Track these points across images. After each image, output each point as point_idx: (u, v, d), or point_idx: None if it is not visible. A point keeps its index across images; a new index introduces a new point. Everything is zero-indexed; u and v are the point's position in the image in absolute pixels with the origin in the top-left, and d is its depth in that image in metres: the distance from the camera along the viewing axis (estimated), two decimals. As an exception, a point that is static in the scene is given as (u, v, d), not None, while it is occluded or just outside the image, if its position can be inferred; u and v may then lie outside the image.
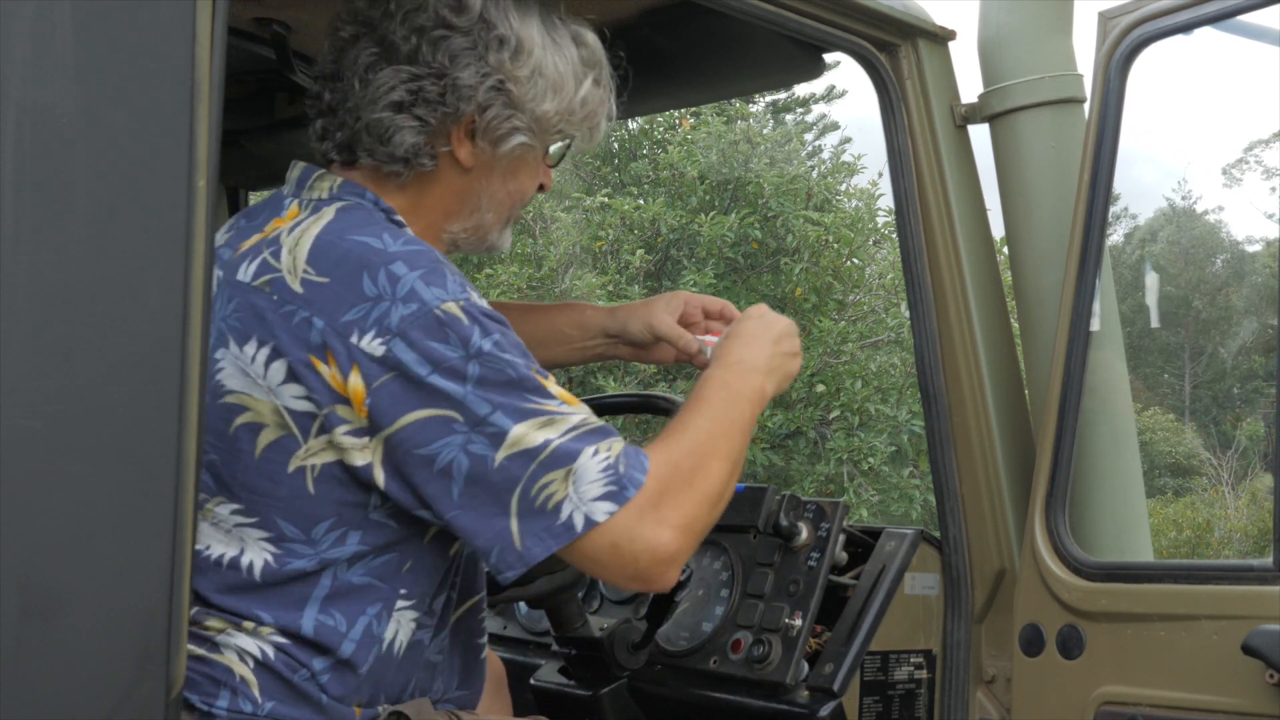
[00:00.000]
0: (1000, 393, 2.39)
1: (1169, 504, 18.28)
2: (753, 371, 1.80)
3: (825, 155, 20.01)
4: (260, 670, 1.59)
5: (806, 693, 2.23)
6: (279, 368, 1.57)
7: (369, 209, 1.70)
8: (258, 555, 1.61)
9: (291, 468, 1.59)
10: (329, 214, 1.67)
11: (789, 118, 21.85)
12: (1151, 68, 2.38)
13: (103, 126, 1.26)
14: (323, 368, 1.55)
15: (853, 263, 12.01)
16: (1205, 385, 31.30)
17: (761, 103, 20.02)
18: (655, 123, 13.08)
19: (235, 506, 1.62)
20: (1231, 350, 30.05)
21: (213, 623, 1.61)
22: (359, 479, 1.58)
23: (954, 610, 2.39)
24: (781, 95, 20.61)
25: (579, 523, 1.54)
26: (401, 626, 1.67)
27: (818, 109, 22.79)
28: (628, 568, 1.57)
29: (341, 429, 1.56)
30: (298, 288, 1.59)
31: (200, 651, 1.60)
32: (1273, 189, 34.50)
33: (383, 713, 1.66)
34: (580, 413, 1.59)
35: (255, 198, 3.35)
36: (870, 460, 10.69)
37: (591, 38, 1.84)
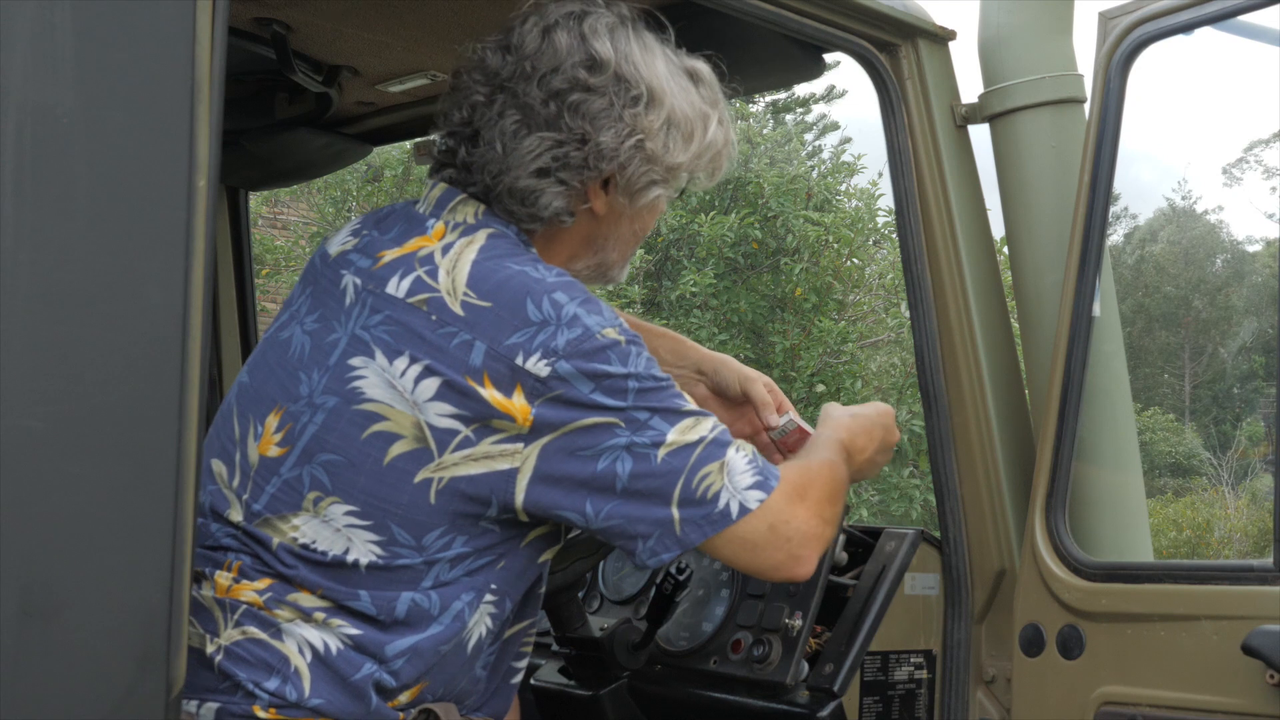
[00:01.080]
0: (1000, 393, 2.39)
1: (1169, 504, 18.27)
2: (854, 461, 1.96)
3: (825, 155, 20.02)
4: (316, 664, 1.62)
5: (806, 693, 2.23)
6: (430, 385, 1.63)
7: (514, 239, 1.77)
8: (364, 554, 1.65)
9: (418, 479, 1.64)
10: (481, 239, 1.73)
11: (789, 118, 21.85)
12: (1151, 68, 2.38)
13: (103, 126, 1.26)
14: (480, 389, 1.62)
15: (853, 263, 12.02)
16: (1205, 385, 31.30)
17: (761, 103, 20.02)
18: (655, 123, 13.07)
19: (350, 509, 1.65)
20: (1231, 350, 30.05)
21: (284, 611, 1.64)
22: (484, 493, 1.65)
23: (954, 610, 2.39)
24: (781, 95, 20.61)
25: (735, 509, 1.68)
26: (482, 619, 1.73)
27: (818, 109, 22.80)
28: (780, 550, 1.72)
29: (493, 439, 1.63)
30: (458, 310, 1.65)
31: (262, 635, 1.63)
32: (1273, 189, 34.51)
33: (414, 712, 1.69)
34: (714, 418, 1.73)
35: (255, 198, 3.35)
36: (870, 460, 10.67)
37: (706, 71, 1.89)
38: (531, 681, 2.51)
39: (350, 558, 1.65)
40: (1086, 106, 2.36)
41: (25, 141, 1.21)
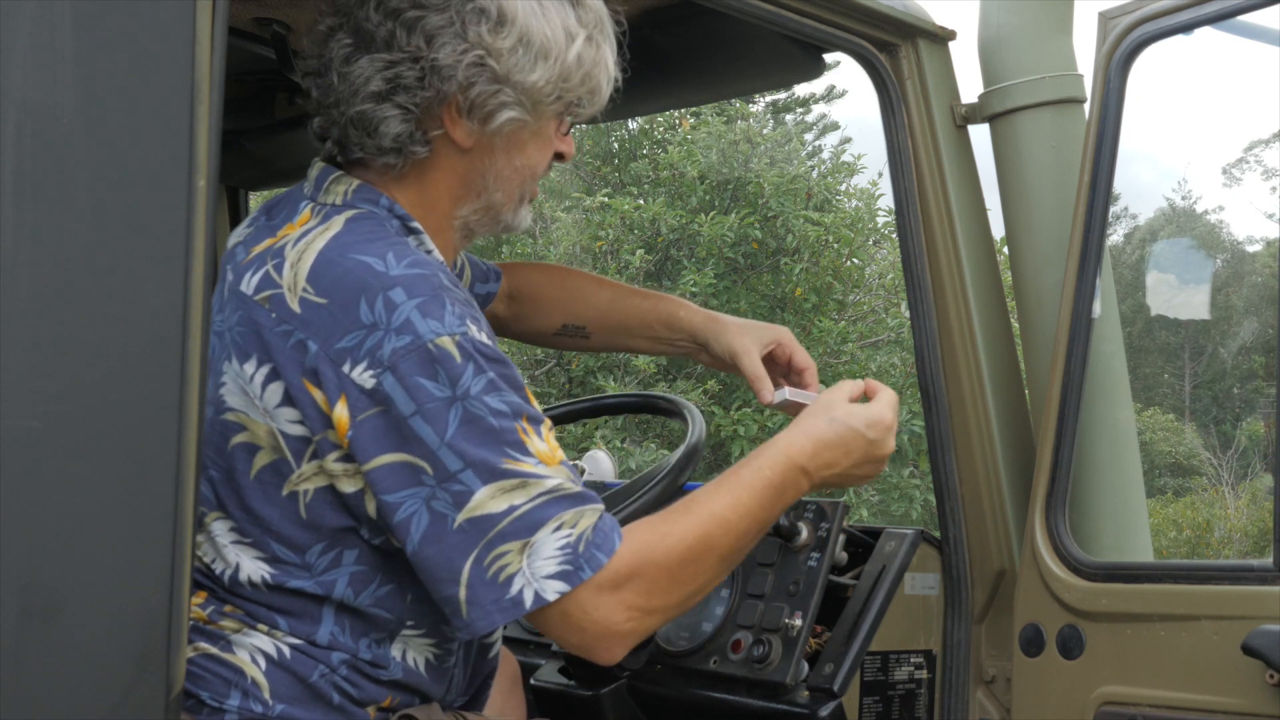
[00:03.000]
0: (1000, 393, 2.39)
1: (1169, 504, 18.27)
2: (803, 482, 1.70)
3: (825, 155, 20.01)
4: (273, 670, 1.58)
5: (806, 693, 2.23)
6: (276, 390, 1.54)
7: (381, 218, 1.64)
8: (254, 571, 1.59)
9: (285, 491, 1.56)
10: (337, 225, 1.61)
11: (789, 118, 21.85)
12: (1151, 68, 2.38)
13: (103, 126, 1.26)
14: (315, 392, 1.52)
15: (853, 263, 12.02)
16: (1205, 385, 31.29)
17: (761, 103, 20.02)
18: (655, 123, 13.09)
19: (231, 524, 1.60)
20: (1231, 350, 30.04)
21: (227, 622, 1.60)
22: (350, 505, 1.56)
23: (954, 610, 2.39)
24: (781, 95, 20.61)
25: (528, 599, 1.48)
26: (413, 650, 1.67)
27: (818, 109, 22.79)
28: (573, 637, 1.52)
29: (333, 455, 1.53)
30: (296, 307, 1.54)
31: (213, 650, 1.59)
32: (1273, 189, 34.51)
33: (393, 717, 1.66)
34: (556, 476, 1.51)
35: (255, 198, 3.35)
36: (870, 460, 10.67)
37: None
38: (531, 681, 2.51)
39: (243, 576, 1.59)
40: (1086, 106, 2.36)
41: (25, 141, 1.21)
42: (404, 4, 1.62)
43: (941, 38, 2.41)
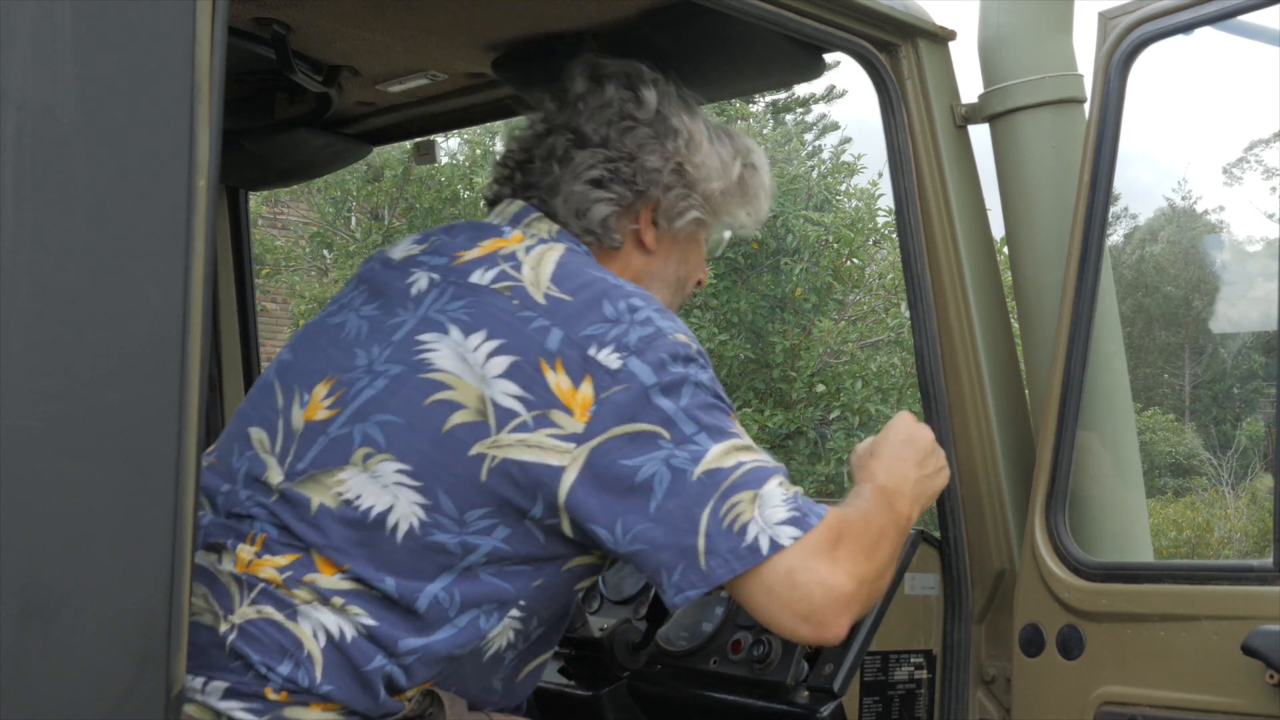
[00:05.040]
0: (1000, 393, 2.39)
1: (1169, 504, 18.27)
2: (901, 497, 1.85)
3: (825, 155, 20.01)
4: (330, 650, 1.62)
5: (806, 693, 2.23)
6: (501, 362, 1.67)
7: (589, 255, 1.88)
8: (406, 516, 1.65)
9: (473, 451, 1.65)
10: (560, 248, 1.82)
11: (789, 118, 21.85)
12: (1152, 68, 2.38)
13: (103, 126, 1.26)
14: (549, 373, 1.66)
15: (853, 263, 12.01)
16: (1205, 385, 31.28)
17: (761, 103, 20.02)
18: (655, 123, 13.05)
19: (403, 467, 1.66)
20: (1231, 350, 30.03)
21: (301, 592, 1.64)
22: (532, 485, 1.65)
23: (954, 610, 2.39)
24: (781, 95, 20.61)
25: (764, 545, 1.60)
26: (504, 633, 1.72)
27: (818, 109, 22.80)
28: (801, 603, 1.61)
29: (548, 431, 1.64)
30: (540, 299, 1.72)
31: (277, 616, 1.63)
32: (1273, 189, 34.50)
33: (418, 695, 1.69)
34: (763, 452, 1.70)
35: (255, 198, 3.35)
36: (870, 460, 10.67)
37: (736, 131, 2.10)
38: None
39: (391, 519, 1.64)
40: (1086, 106, 2.36)
41: (25, 141, 1.21)
42: (616, 115, 1.95)
43: (941, 38, 2.41)
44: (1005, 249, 3.45)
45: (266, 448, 1.75)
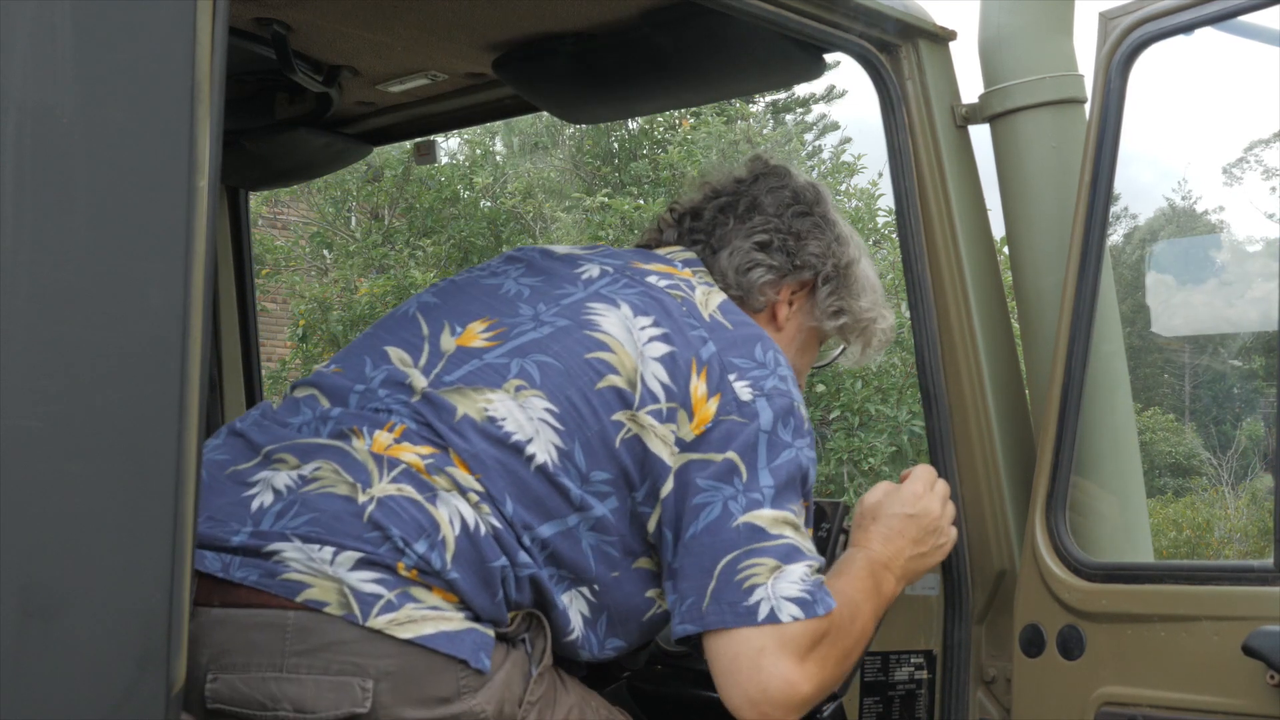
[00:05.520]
0: (1000, 393, 2.39)
1: (1169, 504, 18.26)
2: (890, 574, 1.94)
3: (825, 155, 20.02)
4: (464, 538, 1.65)
5: (806, 693, 2.23)
6: (660, 347, 1.78)
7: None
8: (543, 451, 1.72)
9: (614, 417, 1.74)
10: (720, 295, 1.95)
11: (789, 118, 21.85)
12: (1152, 68, 2.38)
13: (103, 126, 1.26)
14: (694, 376, 1.76)
15: (853, 263, 11.97)
16: (1205, 385, 31.28)
17: (761, 103, 20.03)
18: (655, 123, 13.08)
19: (550, 407, 1.73)
20: (1231, 350, 30.03)
21: (442, 479, 1.68)
22: (648, 469, 1.74)
23: (954, 610, 2.39)
24: (781, 95, 20.62)
25: (762, 612, 1.67)
26: (575, 604, 1.77)
27: (818, 109, 22.80)
28: (754, 687, 1.67)
29: (669, 428, 1.74)
30: (705, 316, 1.85)
31: (419, 497, 1.66)
32: (1273, 189, 34.49)
33: (521, 614, 1.73)
34: (811, 542, 1.77)
35: (255, 198, 3.36)
36: (870, 460, 10.69)
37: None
38: (531, 681, 2.51)
39: (529, 449, 1.71)
40: (1087, 107, 2.36)
41: (25, 141, 1.21)
42: (790, 198, 2.12)
43: (942, 38, 2.41)
44: (1005, 249, 3.45)
45: (408, 363, 1.80)
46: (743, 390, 1.77)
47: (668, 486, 1.73)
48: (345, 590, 1.60)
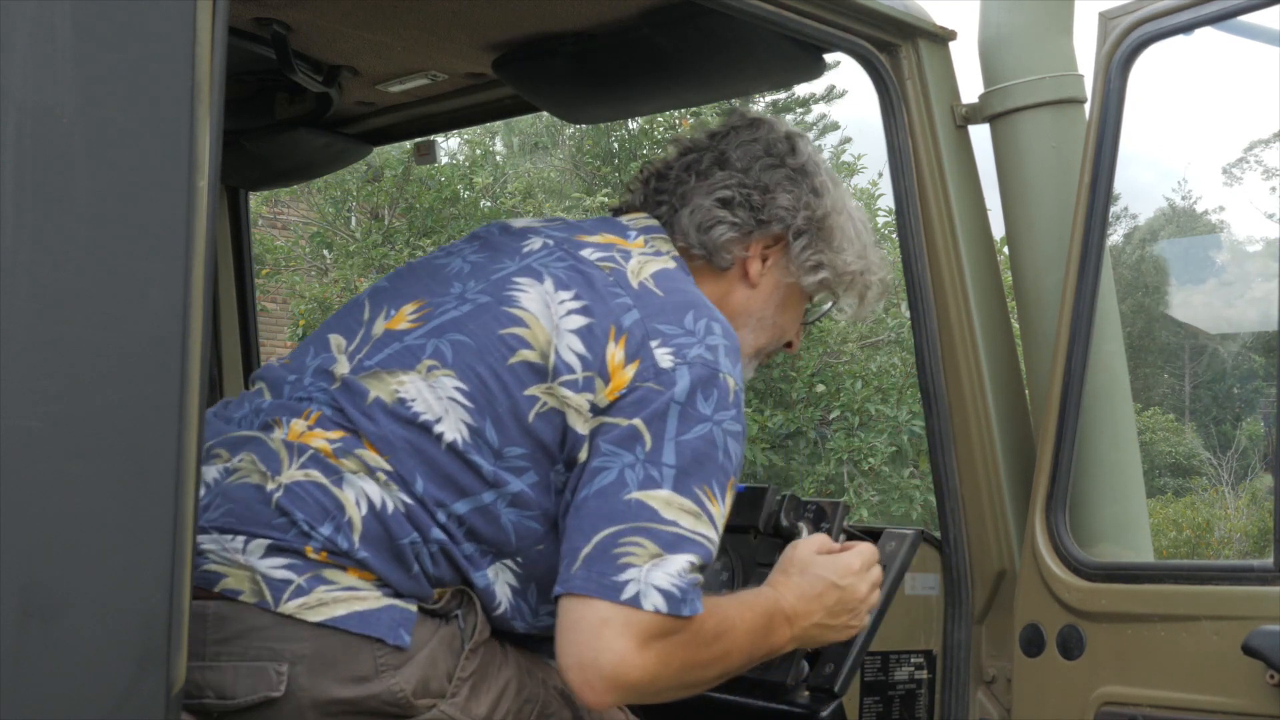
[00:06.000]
0: (1000, 393, 2.39)
1: (1169, 504, 18.26)
2: (786, 630, 1.85)
3: (825, 155, 20.00)
4: (370, 518, 1.66)
5: (807, 693, 2.23)
6: (577, 320, 1.74)
7: (691, 277, 1.92)
8: (452, 429, 1.70)
9: (528, 391, 1.71)
10: (671, 261, 1.90)
11: (789, 118, 21.85)
12: (1151, 68, 2.38)
13: (103, 126, 1.26)
14: (611, 343, 1.71)
15: (853, 263, 11.97)
16: (1205, 385, 31.28)
17: (761, 103, 20.01)
18: (655, 123, 13.08)
19: (461, 386, 1.72)
20: (1231, 350, 30.03)
21: (349, 461, 1.69)
22: (565, 440, 1.71)
23: (954, 610, 2.39)
24: (781, 95, 20.61)
25: (626, 593, 1.59)
26: (501, 576, 1.76)
27: (818, 109, 22.78)
28: (587, 653, 1.59)
29: (585, 396, 1.70)
30: (634, 285, 1.80)
31: (324, 480, 1.68)
32: (1273, 189, 34.48)
33: (450, 591, 1.73)
34: (717, 536, 1.68)
35: (255, 198, 3.36)
36: (870, 460, 10.69)
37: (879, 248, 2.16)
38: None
39: (438, 429, 1.70)
40: (1086, 107, 2.36)
41: (25, 141, 1.21)
42: (762, 151, 2.02)
43: (941, 38, 2.41)
44: (1005, 249, 3.45)
45: (342, 349, 1.82)
46: (663, 357, 1.70)
47: (583, 454, 1.70)
48: (257, 578, 1.64)
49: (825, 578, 1.90)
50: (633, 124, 13.17)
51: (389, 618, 1.65)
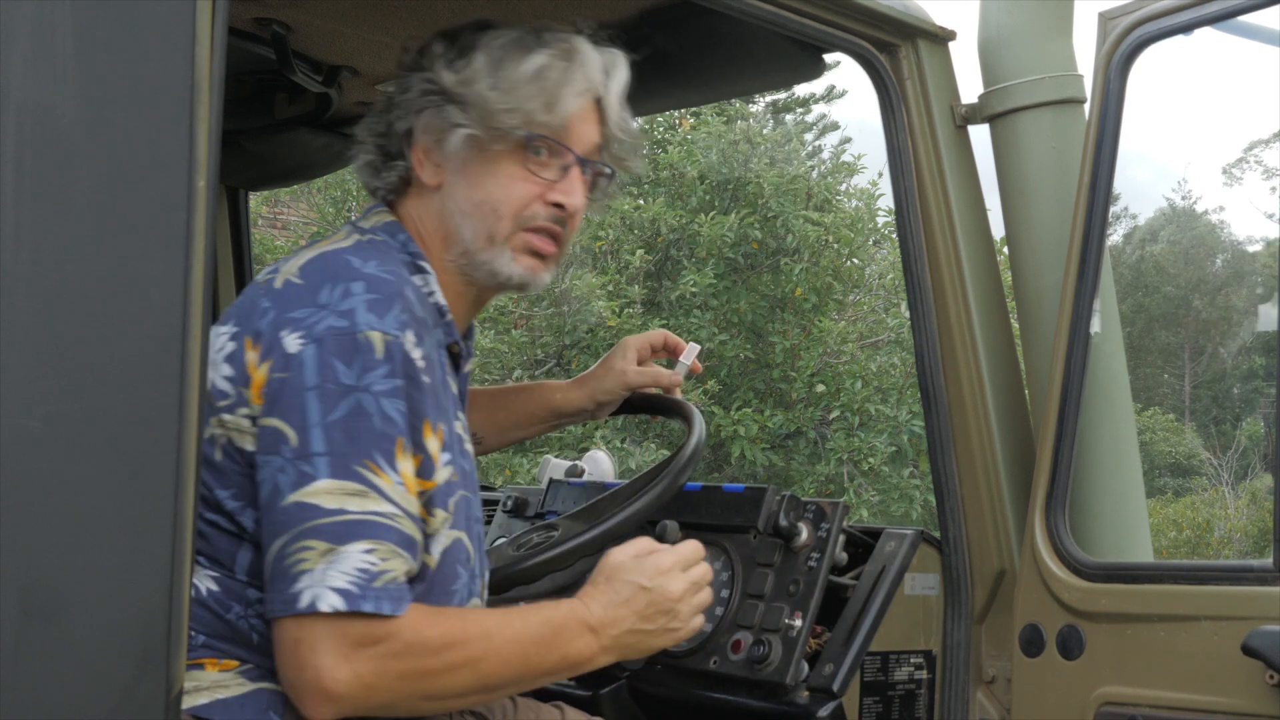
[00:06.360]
0: (1000, 393, 2.39)
1: (1169, 504, 18.26)
2: (591, 641, 1.70)
3: (825, 155, 20.02)
4: (195, 604, 1.60)
5: (807, 693, 2.23)
6: (229, 346, 1.62)
7: (392, 248, 1.76)
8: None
9: (207, 433, 1.60)
10: (352, 240, 1.75)
11: (789, 118, 21.85)
12: (1151, 68, 2.38)
13: (103, 126, 1.26)
14: (250, 351, 1.60)
15: (853, 263, 12.01)
16: (1205, 385, 31.28)
17: (761, 103, 20.02)
18: (655, 123, 13.08)
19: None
20: (1231, 350, 30.03)
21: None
22: (245, 461, 1.60)
23: (954, 610, 2.39)
24: (781, 95, 20.61)
25: (304, 601, 1.48)
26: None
27: (818, 109, 22.79)
28: (291, 674, 1.51)
29: (241, 412, 1.59)
30: (277, 286, 1.64)
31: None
32: (1273, 189, 34.49)
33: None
34: (401, 508, 1.54)
35: (255, 198, 3.36)
36: (870, 460, 10.69)
37: (550, 33, 1.84)
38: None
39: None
40: (1086, 106, 2.36)
41: (25, 141, 1.21)
42: (397, 89, 1.83)
43: (941, 38, 2.41)
44: (1005, 249, 3.45)
45: None
46: (290, 342, 1.56)
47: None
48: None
49: (632, 581, 1.75)
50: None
51: (254, 703, 1.57)
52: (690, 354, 2.36)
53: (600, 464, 2.89)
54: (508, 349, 10.93)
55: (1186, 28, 2.19)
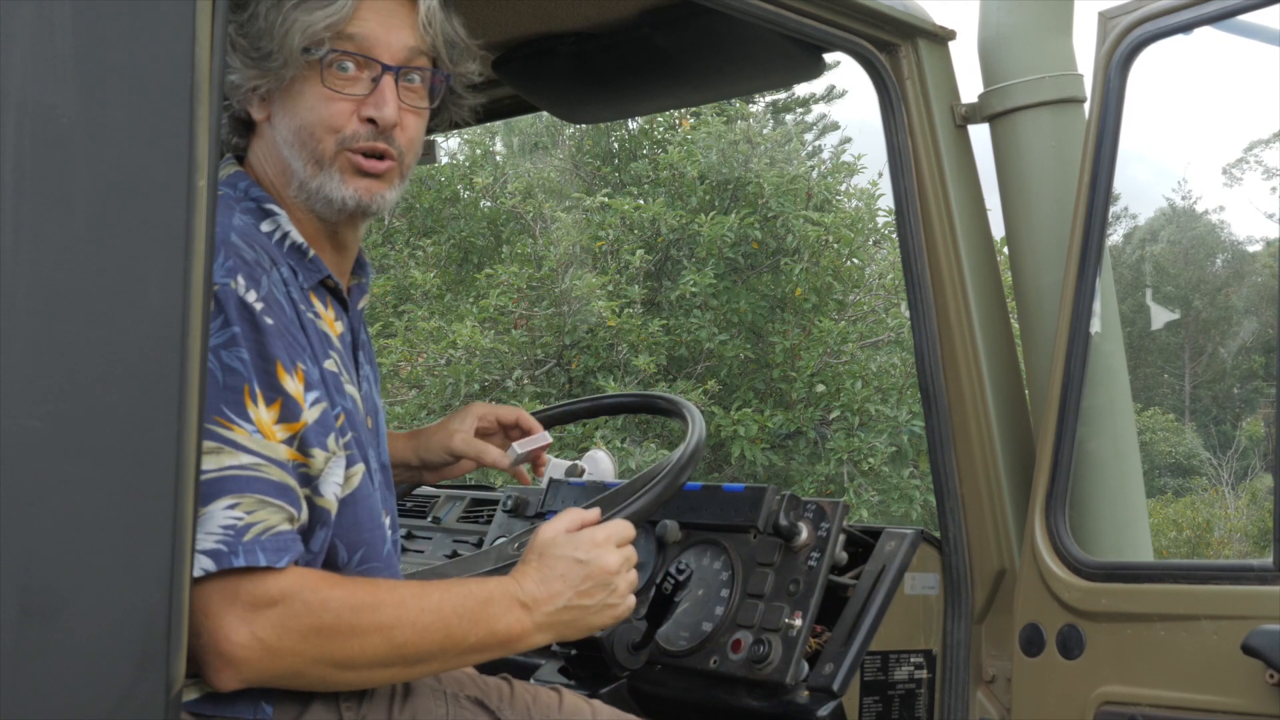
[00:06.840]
0: (1000, 393, 2.39)
1: (1169, 504, 18.26)
2: (523, 616, 1.66)
3: (825, 155, 20.03)
4: None
5: (806, 693, 2.23)
6: None
7: (233, 199, 1.70)
8: None
9: None
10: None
11: (789, 118, 21.85)
12: (1151, 68, 2.38)
13: (103, 126, 1.26)
14: None
15: (853, 263, 12.00)
16: (1205, 385, 31.28)
17: (761, 103, 20.01)
18: (655, 123, 13.08)
19: None
20: (1231, 350, 30.03)
21: None
22: None
23: (954, 610, 2.39)
24: (781, 95, 20.61)
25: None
26: None
27: (818, 109, 22.80)
28: (192, 638, 1.45)
29: None
30: None
31: None
32: (1273, 189, 34.48)
33: None
34: (261, 455, 1.50)
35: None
36: (870, 460, 10.69)
37: None
38: (531, 681, 2.51)
39: None
40: (1086, 106, 2.36)
41: (25, 141, 1.21)
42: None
43: (941, 38, 2.41)
44: (1005, 249, 3.45)
45: None
46: None
47: None
48: None
49: (567, 555, 1.71)
50: (633, 124, 13.17)
51: (246, 695, 1.55)
52: (535, 442, 2.17)
53: (600, 464, 2.89)
54: (508, 349, 10.92)
55: (1186, 27, 2.19)
